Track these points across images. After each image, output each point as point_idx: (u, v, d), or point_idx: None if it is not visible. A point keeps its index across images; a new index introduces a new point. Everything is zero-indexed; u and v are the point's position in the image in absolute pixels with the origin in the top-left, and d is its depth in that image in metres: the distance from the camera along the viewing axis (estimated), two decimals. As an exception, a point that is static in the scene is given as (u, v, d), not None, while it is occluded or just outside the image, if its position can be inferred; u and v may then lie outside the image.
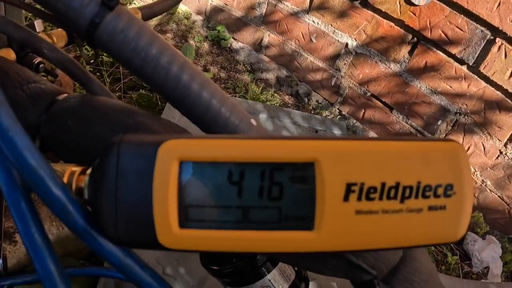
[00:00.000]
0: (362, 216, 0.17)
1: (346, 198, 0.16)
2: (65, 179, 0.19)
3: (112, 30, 0.21)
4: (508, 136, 1.00)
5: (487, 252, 0.97)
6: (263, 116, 1.12)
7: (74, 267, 0.65)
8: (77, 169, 0.19)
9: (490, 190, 1.05)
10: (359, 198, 0.17)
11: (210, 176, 0.17)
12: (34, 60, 0.41)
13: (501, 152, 1.01)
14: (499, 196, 1.04)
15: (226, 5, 1.59)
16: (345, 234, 0.17)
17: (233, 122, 0.24)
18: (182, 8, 1.77)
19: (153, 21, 1.74)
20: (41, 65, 0.41)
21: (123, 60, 0.22)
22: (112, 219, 0.17)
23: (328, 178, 0.16)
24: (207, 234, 0.17)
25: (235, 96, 1.39)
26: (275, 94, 1.50)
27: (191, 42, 1.63)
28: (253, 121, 0.25)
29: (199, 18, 1.69)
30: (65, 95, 0.27)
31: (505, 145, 0.99)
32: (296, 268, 0.43)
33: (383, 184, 0.16)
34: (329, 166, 0.16)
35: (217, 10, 1.63)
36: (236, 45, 1.61)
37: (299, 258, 0.26)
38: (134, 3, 1.69)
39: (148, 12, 0.58)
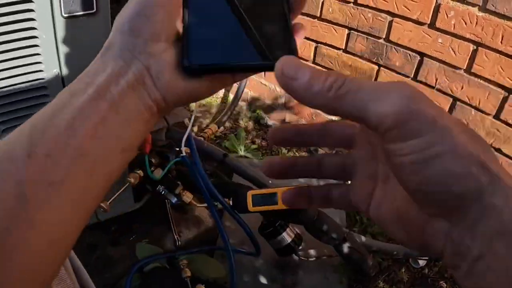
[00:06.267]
0: None
1: None
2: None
3: (233, 162, 0.98)
4: None
5: None
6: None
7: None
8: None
9: None
10: None
11: None
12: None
13: None
14: None
15: (260, 95, 2.08)
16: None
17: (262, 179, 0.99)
18: (231, 96, 2.21)
19: (213, 109, 2.25)
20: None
21: (235, 170, 0.99)
22: (239, 203, 0.90)
23: None
24: None
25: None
26: (296, 153, 1.90)
27: (241, 122, 2.11)
28: (270, 181, 1.00)
29: (244, 104, 2.17)
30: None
31: None
32: (295, 231, 1.09)
33: None
34: None
35: (254, 98, 2.12)
36: (269, 122, 2.05)
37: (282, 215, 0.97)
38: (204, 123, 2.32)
39: (219, 123, 1.41)
